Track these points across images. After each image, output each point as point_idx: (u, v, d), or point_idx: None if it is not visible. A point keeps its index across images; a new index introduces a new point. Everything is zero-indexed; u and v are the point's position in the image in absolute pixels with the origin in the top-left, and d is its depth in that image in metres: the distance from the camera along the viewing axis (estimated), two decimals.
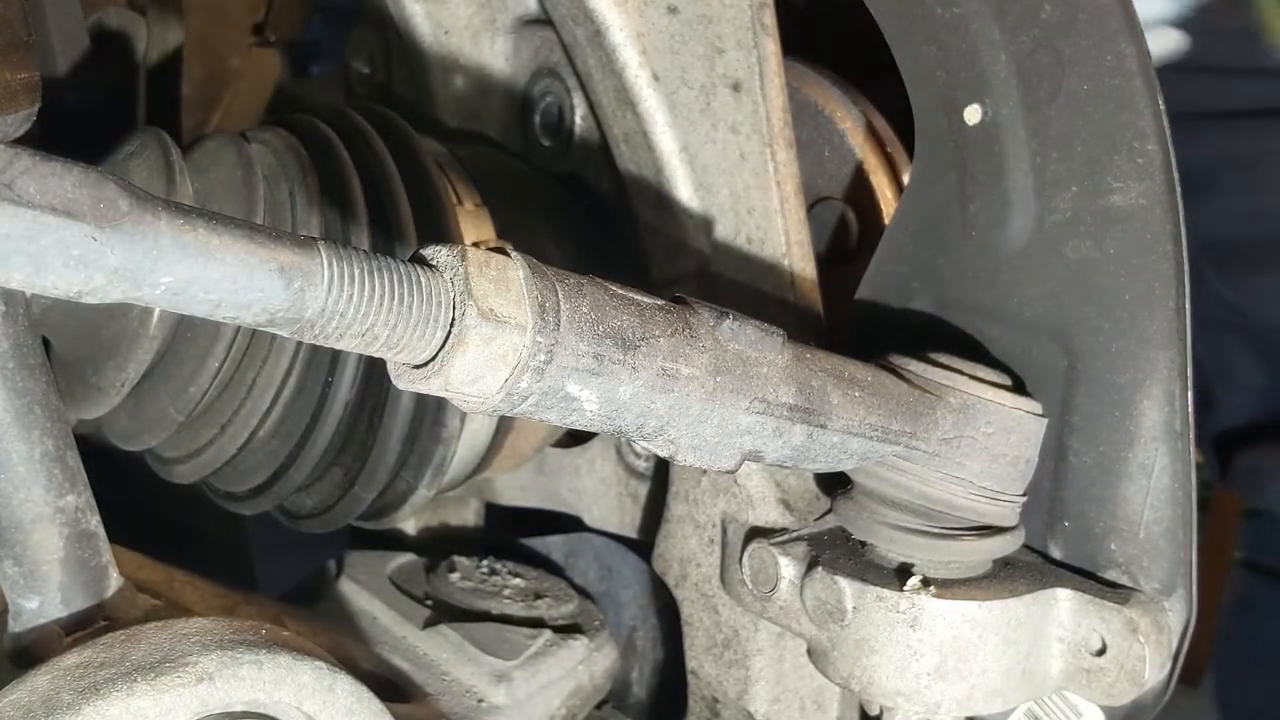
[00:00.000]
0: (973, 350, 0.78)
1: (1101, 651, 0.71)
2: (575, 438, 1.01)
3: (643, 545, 0.96)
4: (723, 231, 0.84)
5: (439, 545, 1.11)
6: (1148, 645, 0.70)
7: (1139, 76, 0.70)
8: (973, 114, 0.76)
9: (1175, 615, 0.72)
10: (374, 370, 0.78)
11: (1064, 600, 0.72)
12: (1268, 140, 1.68)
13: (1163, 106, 0.70)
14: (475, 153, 0.94)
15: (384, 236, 0.78)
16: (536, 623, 0.95)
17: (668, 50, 0.82)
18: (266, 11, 1.30)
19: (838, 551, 0.76)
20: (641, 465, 0.96)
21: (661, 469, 0.93)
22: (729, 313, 0.60)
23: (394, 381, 0.52)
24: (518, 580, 1.01)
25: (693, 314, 0.58)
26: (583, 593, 1.03)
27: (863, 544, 0.75)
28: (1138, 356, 0.71)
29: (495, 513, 1.15)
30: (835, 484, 0.77)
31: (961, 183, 0.78)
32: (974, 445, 0.69)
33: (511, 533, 1.14)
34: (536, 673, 0.90)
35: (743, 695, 0.85)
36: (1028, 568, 0.75)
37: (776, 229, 0.84)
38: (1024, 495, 0.73)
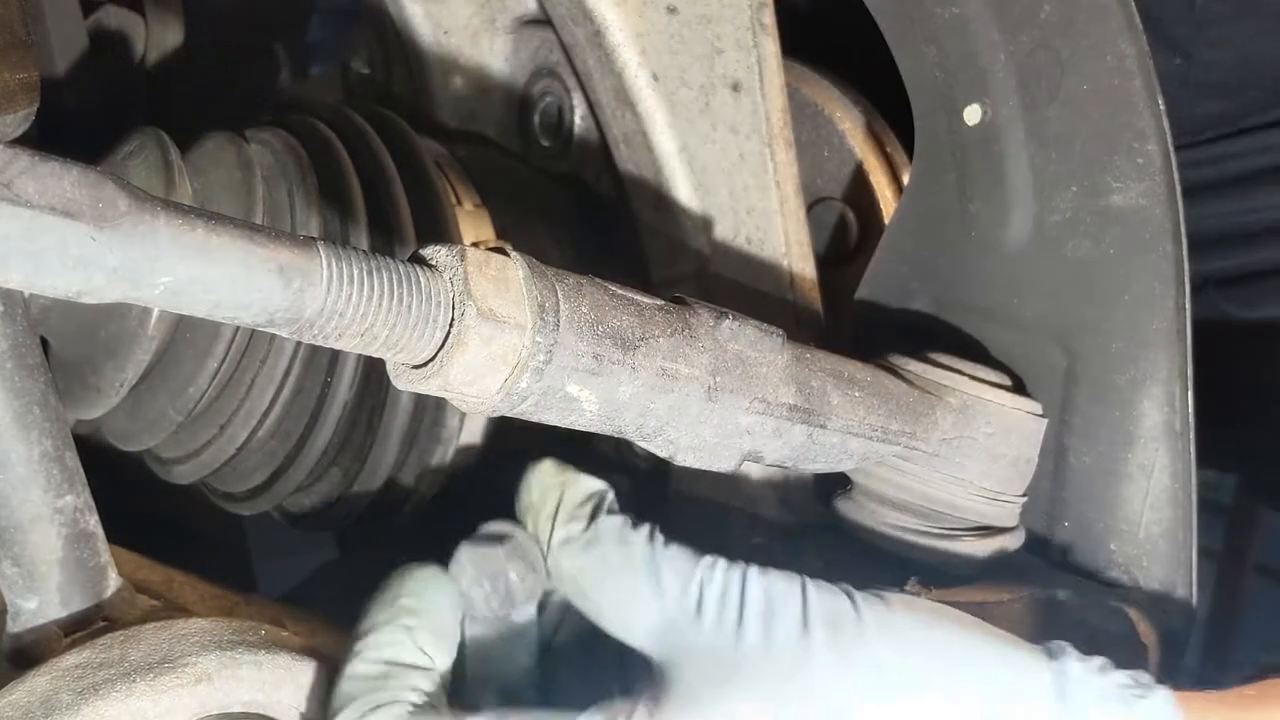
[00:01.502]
0: (973, 350, 0.78)
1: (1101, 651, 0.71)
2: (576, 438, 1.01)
3: None
4: (722, 232, 0.84)
5: None
6: (1148, 645, 0.70)
7: (1138, 77, 0.70)
8: (972, 114, 0.76)
9: (1175, 615, 0.72)
10: (373, 370, 0.78)
11: (1064, 600, 0.71)
12: None
13: (1162, 107, 0.70)
14: (474, 153, 0.94)
15: (383, 237, 0.78)
16: None
17: (667, 50, 0.82)
18: (266, 11, 1.30)
19: (837, 552, 0.76)
20: (641, 465, 0.96)
21: (661, 469, 0.92)
22: (728, 313, 0.60)
23: (393, 381, 0.52)
24: None
25: (692, 314, 0.58)
26: None
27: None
28: (1137, 357, 0.71)
29: None
30: (835, 484, 0.77)
31: (961, 183, 0.78)
32: (974, 445, 0.69)
33: None
34: None
35: None
36: (1028, 568, 0.75)
37: (776, 229, 0.84)
38: (1024, 495, 0.72)
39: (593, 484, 0.65)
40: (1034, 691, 0.56)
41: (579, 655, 0.67)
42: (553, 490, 0.65)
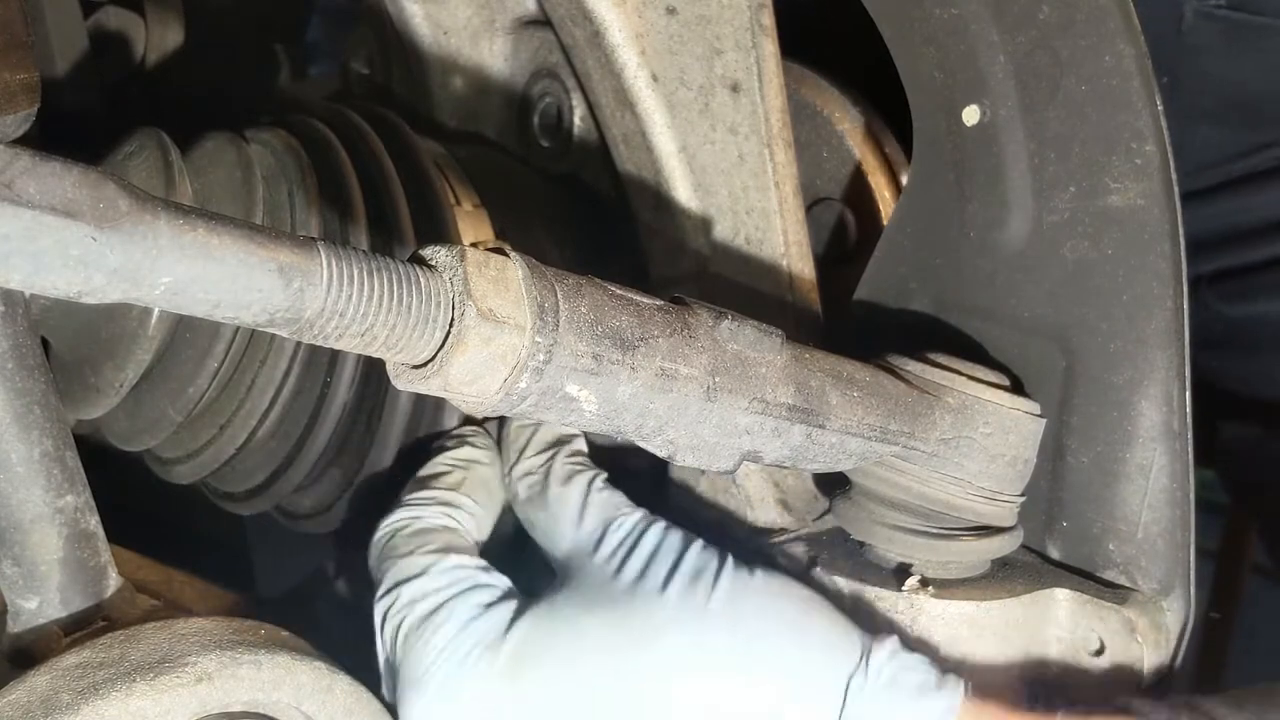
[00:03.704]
0: (971, 350, 0.78)
1: (1099, 651, 0.71)
2: None
3: None
4: (721, 232, 0.84)
5: None
6: (1145, 645, 0.70)
7: (1137, 77, 0.70)
8: (971, 115, 0.77)
9: (1173, 615, 0.72)
10: (372, 371, 0.78)
11: (1062, 600, 0.72)
12: None
13: (1160, 107, 0.70)
14: (474, 153, 0.94)
15: (383, 237, 0.78)
16: None
17: (666, 51, 0.82)
18: (266, 12, 1.30)
19: (836, 552, 0.76)
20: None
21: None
22: (727, 313, 0.60)
23: (393, 382, 0.52)
24: None
25: (691, 314, 0.58)
26: None
27: (861, 544, 0.75)
28: (1136, 357, 0.71)
29: None
30: (834, 484, 0.77)
31: (960, 183, 0.78)
32: (972, 445, 0.69)
33: None
34: None
35: None
36: (1026, 568, 0.75)
37: (775, 230, 0.84)
38: (1022, 495, 0.73)
39: (562, 431, 0.77)
40: (831, 677, 0.62)
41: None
42: (526, 430, 0.78)
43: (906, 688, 0.61)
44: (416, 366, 0.51)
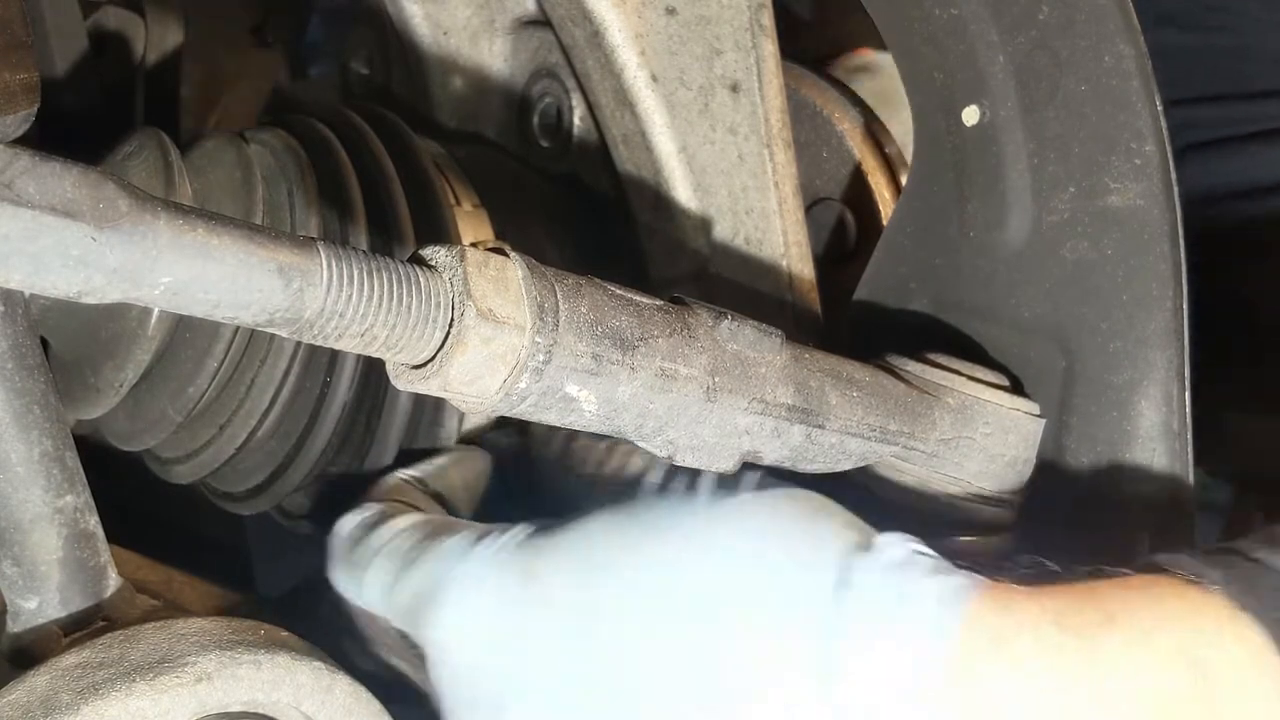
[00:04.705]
0: (971, 351, 0.78)
1: None
2: None
3: None
4: (721, 232, 0.84)
5: None
6: None
7: (1136, 77, 0.70)
8: (971, 115, 0.77)
9: None
10: (372, 371, 0.78)
11: None
12: None
13: (1160, 107, 0.70)
14: (473, 153, 0.94)
15: (382, 237, 0.78)
16: None
17: (666, 51, 0.82)
18: (265, 12, 1.30)
19: None
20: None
21: None
22: (727, 313, 0.60)
23: (393, 382, 0.52)
24: None
25: (691, 314, 0.58)
26: None
27: None
28: (1135, 357, 0.71)
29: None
30: None
31: (959, 184, 0.78)
32: (972, 446, 0.69)
33: None
34: None
35: None
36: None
37: (775, 230, 0.84)
38: (1022, 496, 0.73)
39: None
40: (834, 548, 0.57)
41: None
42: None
43: (921, 565, 0.57)
44: (416, 366, 0.51)
